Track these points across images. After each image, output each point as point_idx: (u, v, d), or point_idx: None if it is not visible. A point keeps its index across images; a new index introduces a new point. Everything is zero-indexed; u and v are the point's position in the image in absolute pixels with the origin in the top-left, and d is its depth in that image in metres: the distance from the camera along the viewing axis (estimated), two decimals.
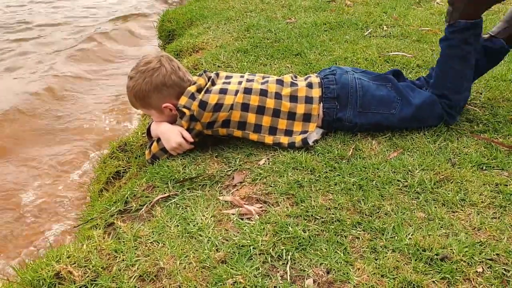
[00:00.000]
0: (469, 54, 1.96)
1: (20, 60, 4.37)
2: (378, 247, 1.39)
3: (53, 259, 1.45)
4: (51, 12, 5.91)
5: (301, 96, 1.96)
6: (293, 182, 1.70)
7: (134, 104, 2.06)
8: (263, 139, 1.94)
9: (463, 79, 1.98)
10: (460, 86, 1.97)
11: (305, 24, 3.39)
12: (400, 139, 1.94)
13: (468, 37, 1.93)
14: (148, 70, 1.95)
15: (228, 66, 2.76)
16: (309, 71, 2.59)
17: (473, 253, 1.34)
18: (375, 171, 1.74)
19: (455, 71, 1.97)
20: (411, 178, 1.69)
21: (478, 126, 2.01)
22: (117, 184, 2.11)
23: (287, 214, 1.54)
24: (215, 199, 1.67)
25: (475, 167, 1.74)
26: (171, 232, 1.51)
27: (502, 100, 2.18)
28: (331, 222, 1.50)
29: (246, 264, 1.34)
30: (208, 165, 1.88)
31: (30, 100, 3.51)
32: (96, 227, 1.68)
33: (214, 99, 1.91)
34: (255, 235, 1.45)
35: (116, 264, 1.41)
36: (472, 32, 1.93)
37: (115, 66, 4.46)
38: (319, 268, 1.33)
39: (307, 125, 1.94)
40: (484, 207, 1.54)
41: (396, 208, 1.55)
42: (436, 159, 1.79)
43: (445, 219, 1.48)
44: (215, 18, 3.75)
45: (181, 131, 1.94)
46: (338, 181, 1.69)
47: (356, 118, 1.96)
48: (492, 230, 1.43)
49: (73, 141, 3.00)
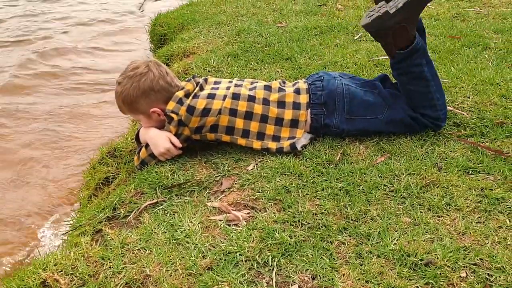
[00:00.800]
0: (422, 73, 1.93)
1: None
2: (363, 253, 1.39)
3: (39, 266, 1.46)
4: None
5: (288, 102, 1.97)
6: (280, 188, 1.70)
7: (122, 109, 2.06)
8: (251, 144, 1.95)
9: (430, 94, 1.95)
10: (431, 101, 1.95)
11: (296, 28, 3.40)
12: (388, 143, 1.95)
13: (413, 61, 1.91)
14: (136, 75, 1.95)
15: (218, 70, 2.77)
16: (299, 76, 2.60)
17: (457, 258, 1.35)
18: (362, 176, 1.75)
19: (419, 92, 1.95)
20: (397, 183, 1.70)
21: (465, 130, 2.03)
22: (106, 190, 2.11)
23: (274, 220, 1.55)
24: (203, 205, 1.67)
25: (461, 171, 1.75)
26: (158, 239, 1.51)
27: (489, 104, 2.20)
28: (317, 227, 1.51)
29: (232, 271, 1.35)
30: (196, 171, 1.88)
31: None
32: (84, 234, 1.68)
33: (202, 104, 1.92)
34: (241, 241, 1.45)
35: (103, 272, 1.41)
36: (414, 56, 1.91)
37: None
38: (304, 274, 1.33)
39: (294, 131, 1.95)
40: (469, 211, 1.55)
41: (382, 213, 1.56)
42: (423, 163, 1.80)
43: (430, 224, 1.49)
44: (206, 22, 3.76)
45: (169, 136, 1.94)
46: (325, 186, 1.70)
47: (344, 124, 1.97)
48: (476, 234, 1.45)
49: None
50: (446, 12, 3.70)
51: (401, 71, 1.96)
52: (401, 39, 1.89)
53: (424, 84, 1.94)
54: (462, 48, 2.92)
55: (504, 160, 1.80)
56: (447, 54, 2.81)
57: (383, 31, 1.88)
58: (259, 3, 4.25)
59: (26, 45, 4.66)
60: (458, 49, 2.90)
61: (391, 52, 1.94)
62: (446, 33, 3.20)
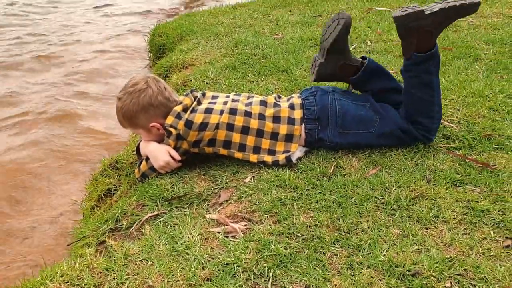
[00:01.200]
0: (431, 81, 2.02)
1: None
2: (354, 264, 1.47)
3: (47, 278, 1.53)
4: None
5: (283, 117, 2.04)
6: (276, 200, 1.78)
7: (122, 124, 2.14)
8: (248, 157, 2.02)
9: (432, 104, 2.04)
10: (430, 111, 2.04)
11: (292, 40, 3.48)
12: (379, 156, 2.03)
13: (427, 67, 2.00)
14: (135, 91, 2.03)
15: (217, 83, 2.85)
16: (294, 88, 2.68)
17: (443, 268, 1.43)
18: (354, 188, 1.83)
19: (422, 99, 2.03)
20: (388, 195, 1.78)
21: (454, 142, 2.10)
22: (108, 201, 2.18)
23: (270, 232, 1.63)
24: (202, 217, 1.75)
25: (449, 183, 1.83)
26: (160, 250, 1.59)
27: (478, 117, 2.28)
28: (311, 239, 1.58)
29: (230, 281, 1.42)
30: (195, 183, 1.96)
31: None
32: (88, 245, 1.75)
33: (200, 118, 1.99)
34: (239, 253, 1.53)
35: (107, 283, 1.48)
36: (430, 62, 1.99)
37: None
38: (298, 285, 1.41)
39: (289, 145, 2.03)
40: (455, 223, 1.63)
41: (373, 225, 1.64)
42: (413, 176, 1.88)
43: (418, 236, 1.57)
44: (204, 33, 3.84)
45: (168, 150, 2.02)
46: (319, 199, 1.78)
47: (337, 138, 2.04)
48: (462, 246, 1.52)
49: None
50: None
51: (413, 74, 2.03)
52: (424, 43, 1.97)
53: (429, 92, 2.02)
54: (453, 60, 3.00)
55: (491, 173, 1.87)
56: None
57: (411, 29, 1.95)
58: (256, 13, 4.34)
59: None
60: (449, 61, 2.98)
61: (409, 53, 2.01)
62: (439, 44, 3.26)
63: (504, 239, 1.55)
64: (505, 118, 2.26)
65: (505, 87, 2.56)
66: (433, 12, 1.91)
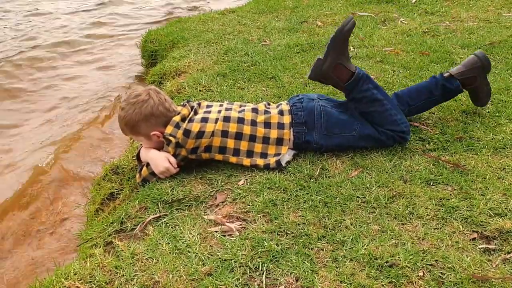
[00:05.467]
0: (373, 94, 2.23)
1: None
2: (339, 257, 1.65)
3: (62, 276, 1.69)
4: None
5: (274, 122, 2.22)
6: (268, 201, 1.96)
7: (124, 131, 2.29)
8: (242, 161, 2.20)
9: (387, 111, 2.23)
10: (390, 117, 2.23)
11: (279, 46, 3.66)
12: (361, 158, 2.21)
13: (361, 86, 2.21)
14: (138, 102, 2.19)
15: (209, 90, 3.01)
16: (282, 94, 2.86)
17: (417, 260, 1.62)
18: (339, 188, 2.01)
19: (377, 111, 2.24)
20: (368, 194, 1.97)
21: (429, 144, 2.30)
22: (111, 205, 2.34)
23: (263, 230, 1.80)
24: (201, 218, 1.92)
25: (423, 183, 2.02)
26: (163, 249, 1.75)
27: (451, 120, 2.48)
28: (300, 236, 1.76)
29: (228, 275, 1.59)
30: (193, 187, 2.12)
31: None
32: (96, 245, 1.91)
33: (197, 127, 2.16)
34: (235, 250, 1.70)
35: (117, 279, 1.64)
36: (360, 82, 2.20)
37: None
38: (289, 277, 1.59)
39: (280, 148, 2.21)
40: (428, 219, 1.82)
41: (355, 222, 1.82)
42: (391, 176, 2.07)
43: (395, 231, 1.76)
44: (195, 40, 4.00)
45: (168, 157, 2.19)
46: (306, 199, 1.96)
47: (322, 140, 2.23)
48: (433, 239, 1.71)
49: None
50: (418, 28, 3.98)
51: (355, 99, 2.25)
52: (343, 74, 2.21)
53: (378, 104, 2.23)
54: (430, 64, 3.20)
55: (461, 172, 2.07)
56: (416, 71, 3.09)
57: (325, 75, 2.21)
58: (244, 20, 4.51)
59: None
60: (427, 66, 3.18)
61: (342, 88, 2.26)
62: (417, 49, 3.48)
63: (471, 232, 1.75)
64: (476, 121, 2.46)
65: None
66: (326, 53, 2.19)
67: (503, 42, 3.50)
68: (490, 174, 2.04)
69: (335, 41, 2.17)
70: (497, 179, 2.01)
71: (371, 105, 2.23)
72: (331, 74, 2.20)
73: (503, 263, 1.59)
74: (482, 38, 3.64)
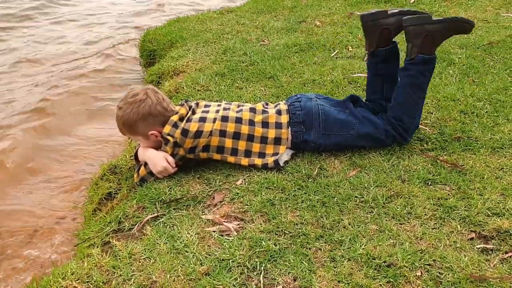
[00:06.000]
0: (424, 84, 2.26)
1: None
2: (336, 257, 1.65)
3: (59, 276, 1.68)
4: None
5: (271, 122, 2.22)
6: (266, 201, 1.95)
7: (122, 131, 2.29)
8: (240, 161, 2.20)
9: (418, 106, 2.28)
10: (414, 112, 2.26)
11: (277, 46, 3.66)
12: (359, 158, 2.21)
13: (425, 70, 2.23)
14: (135, 101, 2.18)
15: (207, 89, 3.01)
16: (281, 94, 2.86)
17: (415, 259, 1.62)
18: (337, 188, 2.01)
19: (412, 99, 2.25)
20: (366, 194, 1.96)
21: (428, 144, 2.30)
22: (109, 204, 2.34)
23: (260, 230, 1.80)
24: (198, 218, 1.91)
25: (421, 183, 2.02)
26: (161, 249, 1.75)
27: (450, 120, 2.48)
28: (298, 236, 1.76)
29: (226, 275, 1.59)
30: (191, 186, 2.12)
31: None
32: (94, 245, 1.91)
33: (195, 127, 2.16)
34: (233, 249, 1.70)
35: (115, 279, 1.64)
36: (428, 66, 2.22)
37: None
38: (287, 277, 1.59)
39: (278, 147, 2.20)
40: (426, 219, 1.82)
41: (353, 221, 1.82)
42: (389, 176, 2.07)
43: (393, 231, 1.76)
44: (194, 40, 4.00)
45: (165, 156, 2.18)
46: (304, 199, 1.96)
47: (320, 139, 2.23)
48: (431, 239, 1.71)
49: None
50: None
51: (411, 73, 2.24)
52: (427, 46, 2.20)
53: (419, 94, 2.26)
54: None
55: (459, 172, 2.07)
56: None
57: (417, 31, 2.18)
58: (243, 19, 4.51)
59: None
60: None
61: (414, 53, 2.22)
62: None
63: (469, 232, 1.75)
64: (474, 120, 2.46)
65: (476, 90, 2.76)
66: (441, 20, 2.16)
67: (501, 42, 3.50)
68: (488, 174, 2.04)
69: (454, 22, 2.18)
70: (495, 179, 2.01)
71: (414, 89, 2.24)
72: (422, 37, 2.18)
73: (501, 263, 1.59)
74: (480, 38, 3.64)
